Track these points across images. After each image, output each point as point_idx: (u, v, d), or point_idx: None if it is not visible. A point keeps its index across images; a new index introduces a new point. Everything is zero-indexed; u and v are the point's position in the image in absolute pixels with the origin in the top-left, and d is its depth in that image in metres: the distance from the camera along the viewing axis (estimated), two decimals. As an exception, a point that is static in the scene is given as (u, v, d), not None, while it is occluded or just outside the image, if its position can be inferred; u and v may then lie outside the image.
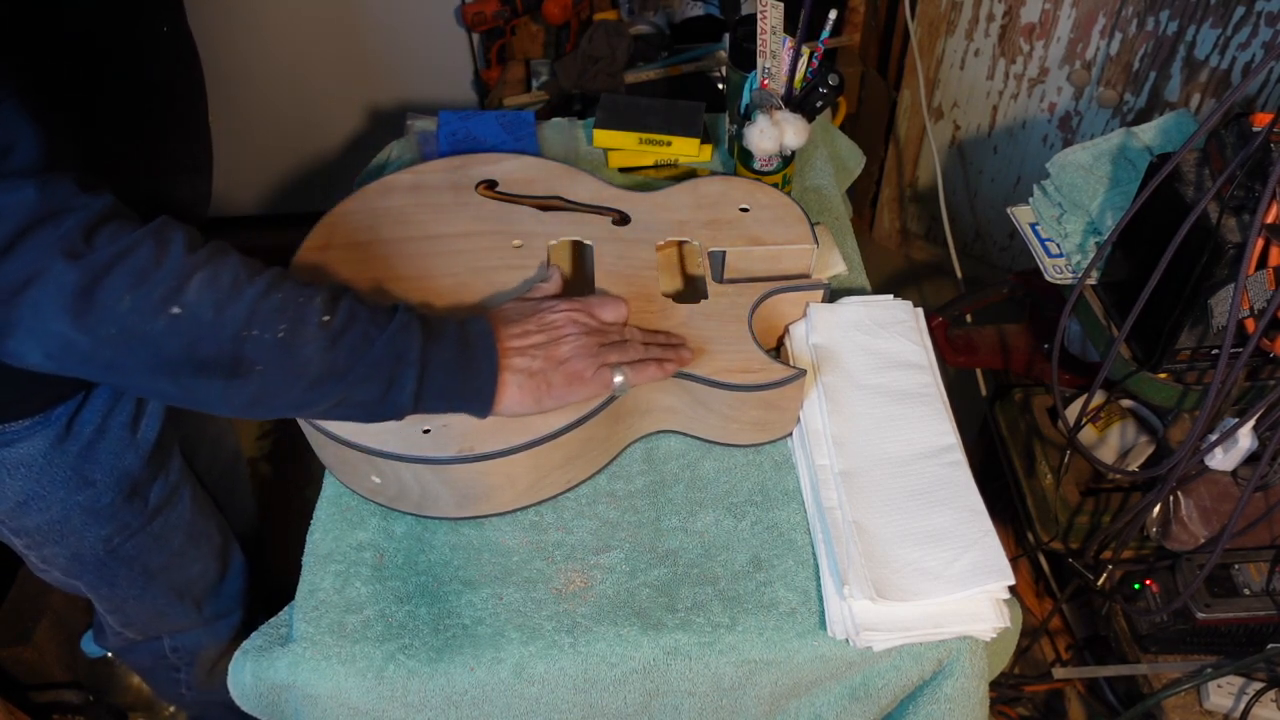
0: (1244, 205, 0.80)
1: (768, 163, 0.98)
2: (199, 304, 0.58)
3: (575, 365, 0.71)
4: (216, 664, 1.12)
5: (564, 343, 0.72)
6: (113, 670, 1.41)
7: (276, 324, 0.60)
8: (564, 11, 1.72)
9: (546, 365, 0.71)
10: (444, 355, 0.67)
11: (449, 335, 0.68)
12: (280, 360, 0.61)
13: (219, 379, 0.60)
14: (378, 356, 0.64)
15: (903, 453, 0.78)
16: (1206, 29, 1.50)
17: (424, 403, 0.67)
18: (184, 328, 0.57)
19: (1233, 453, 0.91)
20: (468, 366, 0.68)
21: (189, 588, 1.01)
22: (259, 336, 0.60)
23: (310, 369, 0.62)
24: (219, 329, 0.59)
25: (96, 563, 0.90)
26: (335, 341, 0.62)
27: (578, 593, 0.73)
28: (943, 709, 0.72)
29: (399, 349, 0.65)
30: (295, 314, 0.61)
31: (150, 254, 0.57)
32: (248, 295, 0.60)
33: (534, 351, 0.71)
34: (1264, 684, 1.01)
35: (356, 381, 0.64)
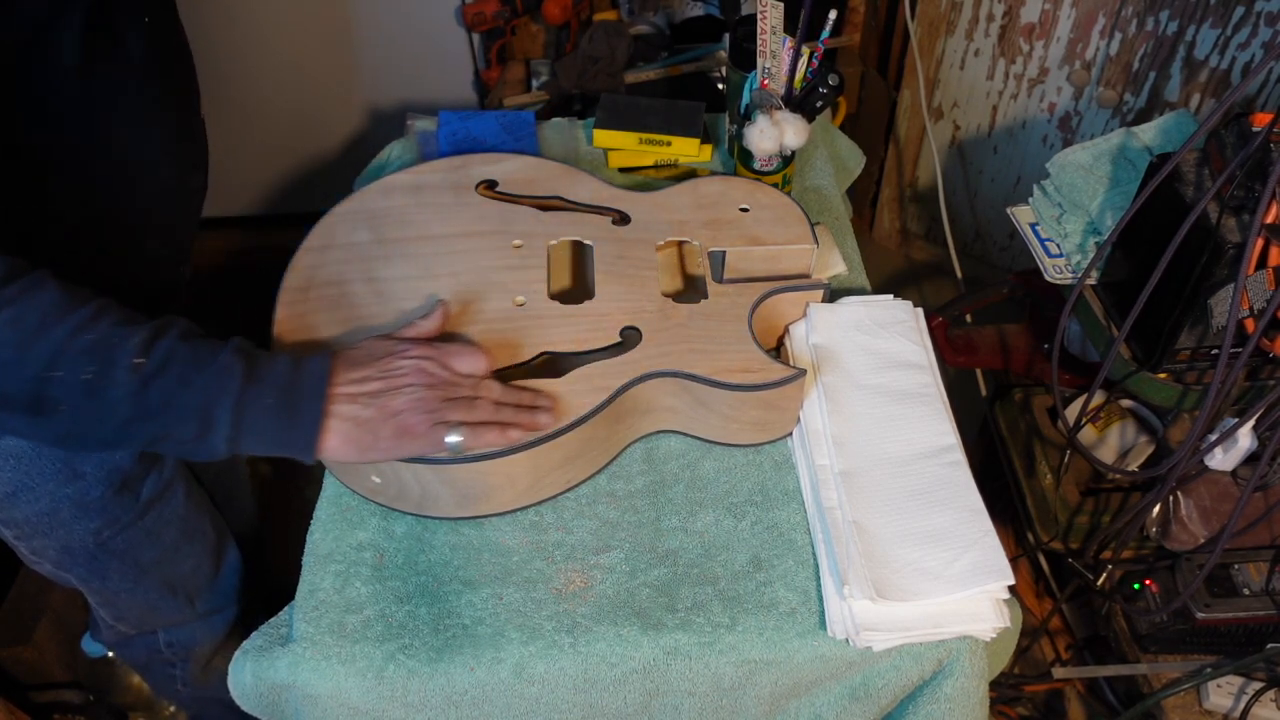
0: (1244, 205, 0.80)
1: (768, 163, 0.99)
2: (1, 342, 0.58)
3: (408, 419, 0.68)
4: (211, 660, 1.12)
5: (401, 394, 0.68)
6: (113, 670, 1.40)
7: (83, 365, 0.60)
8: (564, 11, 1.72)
9: (377, 415, 0.67)
10: (264, 400, 0.65)
11: (275, 377, 0.66)
12: (85, 401, 0.60)
13: (22, 415, 0.60)
14: (192, 400, 0.63)
15: (903, 453, 0.78)
16: (1206, 29, 1.50)
17: (240, 445, 0.65)
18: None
19: (1233, 453, 0.91)
20: (289, 412, 0.66)
21: (182, 583, 1.01)
22: (62, 378, 0.59)
23: (120, 410, 0.61)
24: (20, 368, 0.59)
25: (87, 555, 0.90)
26: (147, 385, 0.61)
27: (578, 593, 0.73)
28: (943, 709, 0.72)
29: (213, 393, 0.63)
30: (105, 355, 0.61)
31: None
32: (55, 335, 0.59)
33: (366, 400, 0.68)
34: (1264, 684, 1.01)
35: (170, 424, 0.63)
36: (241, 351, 0.66)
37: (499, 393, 0.73)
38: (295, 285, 0.83)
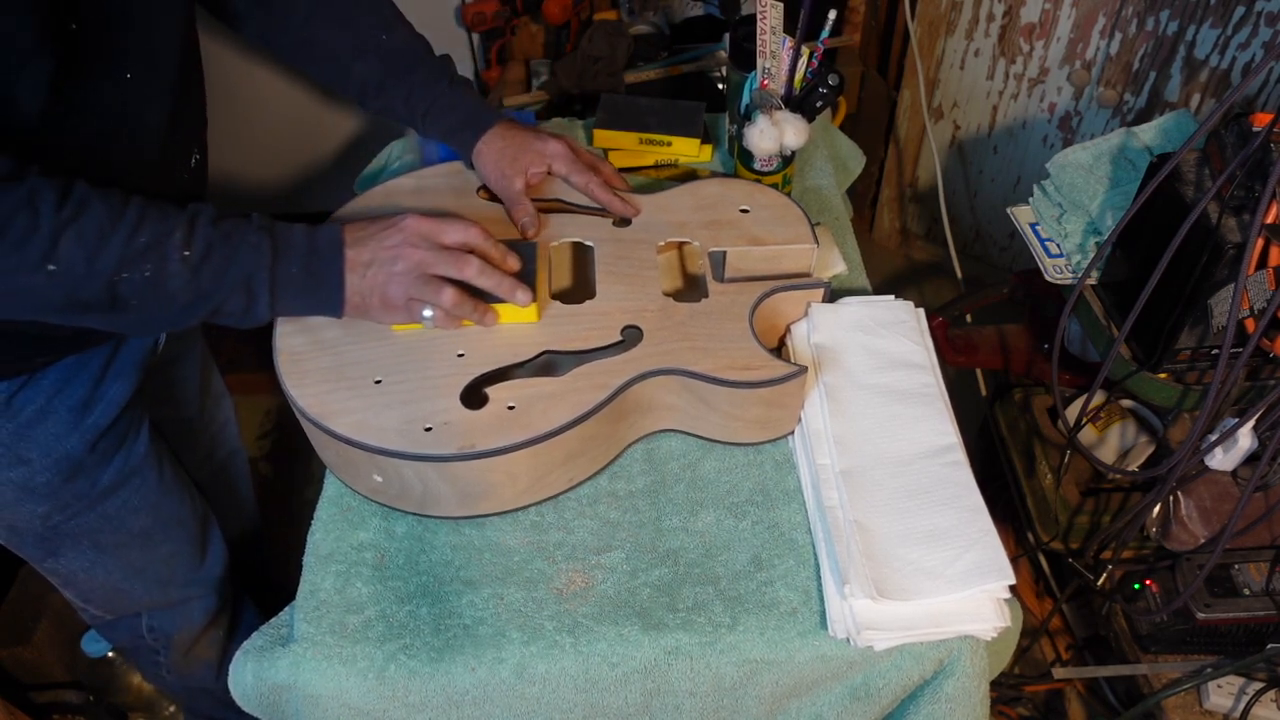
0: (1244, 205, 0.80)
1: (768, 163, 0.99)
2: (71, 259, 0.64)
3: (389, 292, 0.76)
4: (191, 649, 1.11)
5: (385, 266, 0.76)
6: (113, 670, 1.41)
7: (143, 265, 0.67)
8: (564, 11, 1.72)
9: (367, 286, 0.76)
10: (291, 269, 0.73)
11: (296, 248, 0.74)
12: (151, 295, 0.68)
13: (100, 314, 0.68)
14: (235, 278, 0.71)
15: (903, 452, 0.78)
16: (1206, 29, 1.50)
17: (280, 309, 0.74)
18: (61, 280, 0.64)
19: (1233, 453, 0.91)
20: (314, 278, 0.75)
21: (153, 568, 1.00)
22: (129, 279, 0.66)
23: (179, 298, 0.69)
24: (92, 278, 0.65)
25: (35, 536, 0.90)
26: (196, 272, 0.69)
27: (579, 593, 0.73)
28: (943, 709, 0.72)
29: (250, 269, 0.71)
30: (158, 253, 0.67)
31: (26, 219, 0.62)
32: (115, 243, 0.66)
33: (361, 269, 0.76)
34: (1264, 684, 1.01)
35: (221, 300, 0.71)
36: (264, 228, 0.73)
37: (475, 270, 0.77)
38: (296, 285, 0.83)
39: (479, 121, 0.91)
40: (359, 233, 0.77)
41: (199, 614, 1.09)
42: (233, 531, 1.17)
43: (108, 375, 0.87)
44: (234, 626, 1.16)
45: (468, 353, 0.78)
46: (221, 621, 1.13)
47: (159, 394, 1.00)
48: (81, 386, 0.85)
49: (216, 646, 1.14)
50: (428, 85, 0.90)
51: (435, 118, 0.91)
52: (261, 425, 1.88)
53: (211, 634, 1.12)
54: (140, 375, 0.90)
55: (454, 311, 0.77)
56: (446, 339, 0.78)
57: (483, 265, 0.78)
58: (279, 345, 0.78)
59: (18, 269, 0.63)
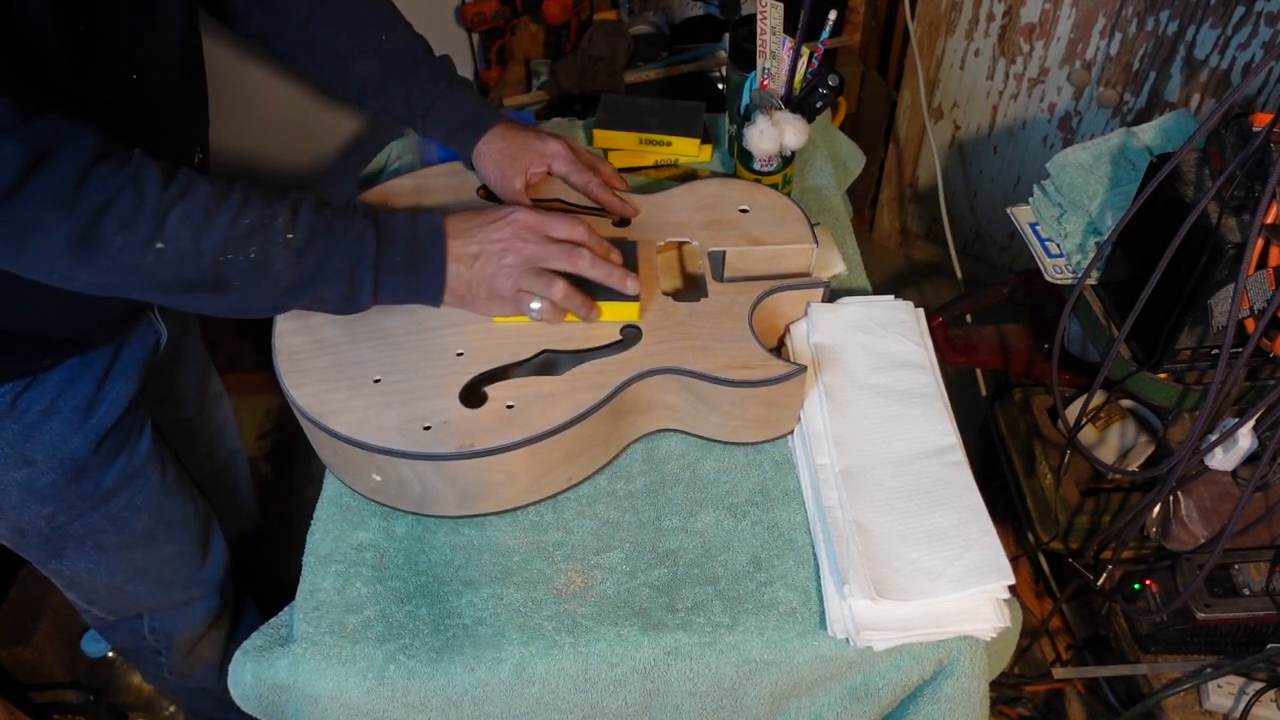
0: (1244, 205, 0.80)
1: (768, 163, 0.99)
2: (179, 237, 0.64)
3: (497, 284, 0.76)
4: (194, 649, 1.11)
5: (493, 259, 0.76)
6: (113, 670, 1.41)
7: (248, 247, 0.67)
8: (564, 11, 1.72)
9: (474, 278, 0.76)
10: (394, 259, 0.74)
11: (399, 237, 0.75)
12: (255, 277, 0.68)
13: (204, 294, 0.68)
14: (338, 266, 0.72)
15: (903, 452, 0.78)
16: (1206, 29, 1.50)
17: (380, 298, 0.75)
18: (169, 259, 0.65)
19: (1233, 453, 0.91)
20: (417, 267, 0.75)
21: (156, 569, 1.00)
22: (234, 260, 0.67)
23: (281, 281, 0.70)
24: (199, 257, 0.66)
25: (40, 538, 0.90)
26: (300, 256, 0.70)
27: (578, 593, 0.73)
28: (943, 709, 0.72)
29: (354, 257, 0.72)
30: (263, 236, 0.68)
31: (132, 198, 0.63)
32: (220, 224, 0.66)
33: (469, 261, 0.76)
34: (1264, 684, 1.01)
35: (322, 286, 0.72)
36: (368, 217, 0.74)
37: (588, 263, 0.78)
38: (296, 285, 0.83)
39: (479, 122, 0.91)
40: (463, 224, 0.77)
41: (201, 615, 1.09)
42: (233, 532, 1.17)
43: (110, 375, 0.87)
44: (235, 627, 1.16)
45: (467, 352, 0.78)
46: (223, 622, 1.13)
47: (160, 394, 1.00)
48: (85, 387, 0.85)
49: (218, 647, 1.14)
50: (428, 86, 0.90)
51: (435, 118, 0.91)
52: (261, 425, 1.88)
53: (213, 635, 1.12)
54: (142, 375, 0.90)
55: (564, 304, 0.78)
56: (446, 338, 0.78)
57: (594, 257, 0.78)
58: (278, 345, 0.78)
59: (125, 248, 0.63)
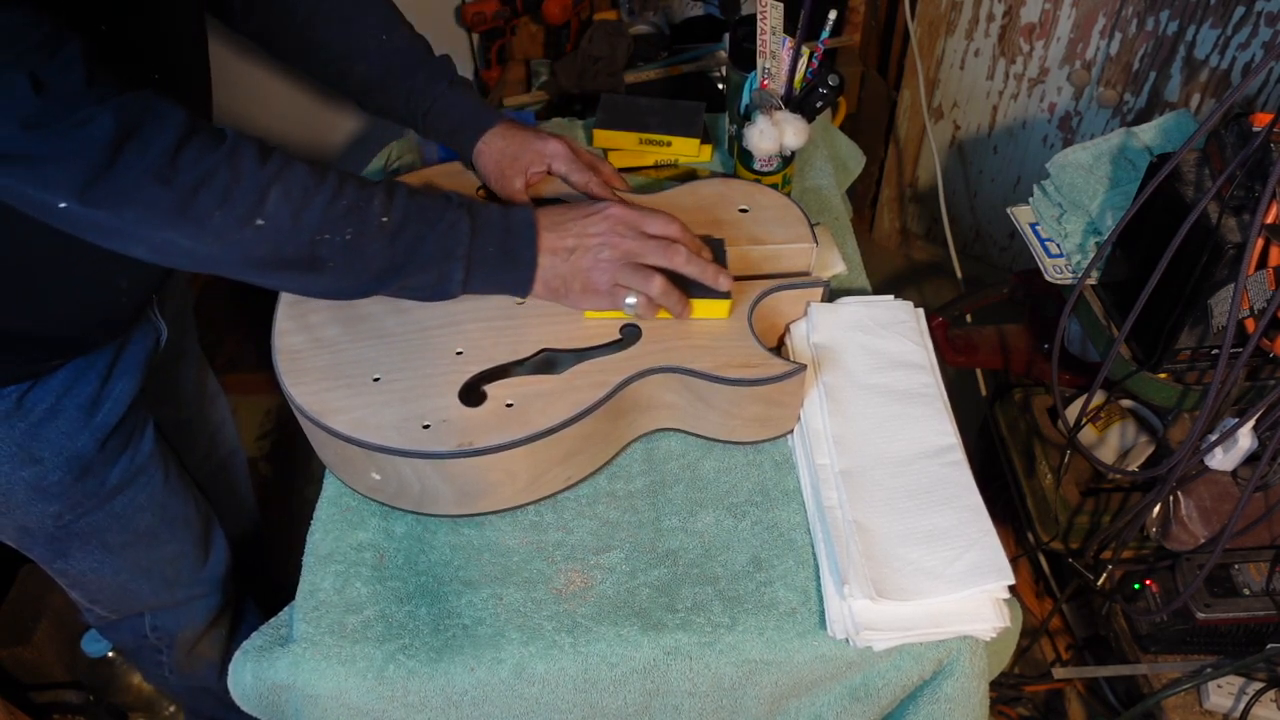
0: (1244, 205, 0.80)
1: (768, 163, 0.98)
2: (279, 215, 0.65)
3: (593, 278, 0.76)
4: (195, 647, 1.12)
5: (590, 253, 0.76)
6: (113, 670, 1.41)
7: (344, 227, 0.68)
8: (564, 11, 1.72)
9: (569, 271, 0.77)
10: (488, 249, 0.74)
11: (492, 228, 0.75)
12: (349, 258, 0.69)
13: (298, 274, 0.69)
14: (430, 252, 0.72)
15: (903, 452, 0.78)
16: (1206, 29, 1.50)
17: (470, 287, 0.76)
18: (268, 236, 0.65)
19: (1233, 453, 0.91)
20: (508, 258, 0.76)
21: (159, 567, 1.00)
22: (330, 239, 0.67)
23: (374, 264, 0.70)
24: (297, 235, 0.66)
25: (46, 537, 0.90)
26: (393, 240, 0.70)
27: (578, 593, 0.73)
28: (943, 709, 0.72)
29: (448, 246, 0.73)
30: (360, 217, 0.68)
31: (228, 174, 0.63)
32: (318, 203, 0.67)
33: (564, 254, 0.76)
34: (1264, 684, 1.01)
35: (413, 272, 0.72)
36: (462, 205, 0.74)
37: (684, 259, 0.78)
38: (296, 285, 0.83)
39: (479, 122, 0.91)
40: (556, 217, 0.78)
41: (202, 613, 1.10)
42: (233, 531, 1.17)
43: (114, 373, 0.87)
44: (236, 626, 1.16)
45: (466, 350, 0.78)
46: (224, 620, 1.13)
47: (160, 394, 1.01)
48: (89, 385, 0.85)
49: (219, 645, 1.15)
50: (428, 86, 0.90)
51: (436, 118, 0.91)
52: (261, 425, 1.88)
53: (214, 633, 1.13)
54: (144, 373, 0.91)
55: (661, 300, 0.78)
56: (445, 337, 0.78)
57: (689, 253, 0.78)
58: (278, 344, 0.78)
59: (224, 223, 0.63)
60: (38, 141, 0.56)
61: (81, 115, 0.57)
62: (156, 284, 0.89)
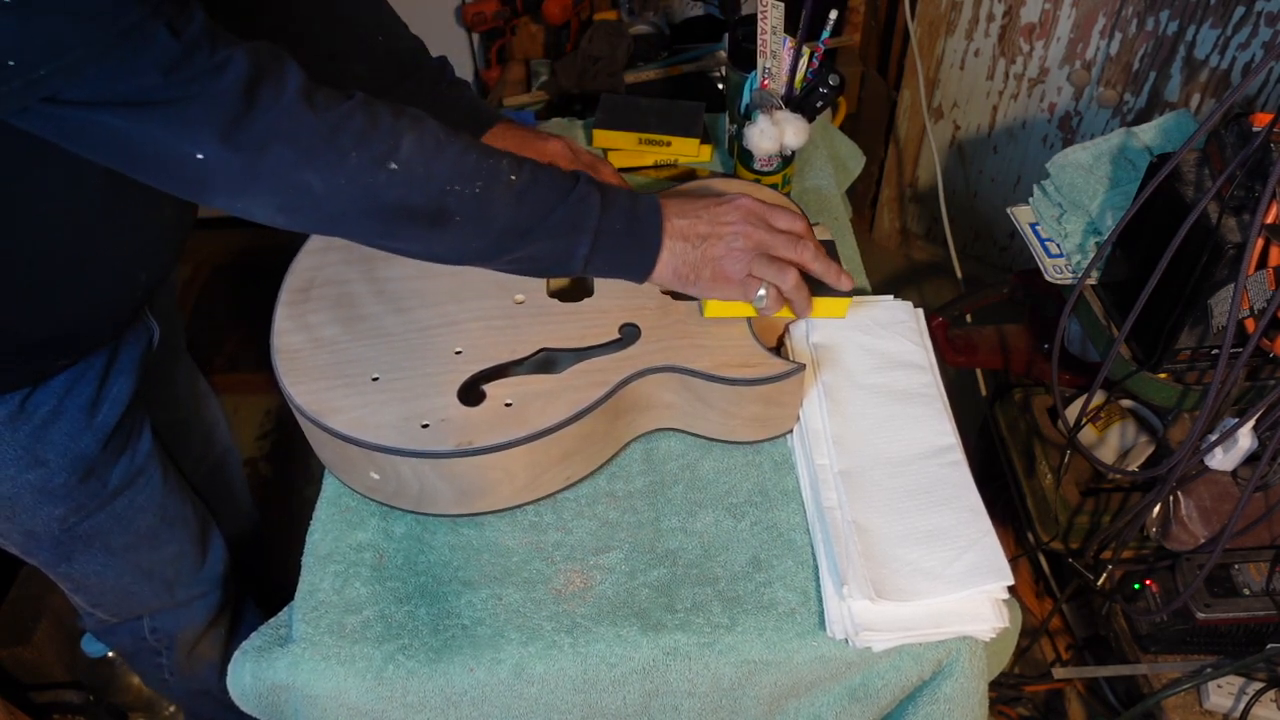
0: (1244, 205, 0.80)
1: (768, 163, 0.98)
2: (412, 161, 0.64)
3: (726, 266, 0.75)
4: (195, 647, 1.12)
5: (723, 241, 0.75)
6: (113, 670, 1.41)
7: (474, 180, 0.67)
8: (564, 11, 1.72)
9: (700, 258, 0.75)
10: (616, 226, 0.72)
11: (621, 207, 0.73)
12: (475, 213, 0.67)
13: (422, 227, 0.67)
14: (558, 221, 0.70)
15: (902, 453, 0.78)
16: (1206, 29, 1.50)
17: (591, 267, 0.73)
18: (400, 180, 0.64)
19: (1233, 453, 0.91)
20: (634, 238, 0.74)
21: (160, 568, 1.00)
22: (460, 191, 0.66)
23: (498, 223, 0.68)
24: (428, 183, 0.65)
25: (52, 540, 0.90)
26: (521, 199, 0.68)
27: (577, 593, 0.73)
28: (942, 709, 0.72)
29: (577, 217, 0.71)
30: (489, 172, 0.67)
31: (364, 118, 0.63)
32: (450, 154, 0.66)
33: (696, 240, 0.75)
34: (1264, 684, 1.01)
35: (536, 239, 0.70)
36: (593, 182, 0.72)
37: (811, 255, 0.78)
38: (296, 286, 0.83)
39: (478, 122, 0.90)
40: (684, 204, 0.77)
41: (202, 612, 1.10)
42: (231, 531, 1.17)
43: (111, 373, 0.87)
44: (236, 625, 1.16)
45: (465, 350, 0.78)
46: (223, 620, 1.13)
47: (153, 396, 1.01)
48: (89, 386, 0.85)
49: (218, 646, 1.15)
50: (426, 87, 0.90)
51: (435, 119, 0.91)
52: (261, 425, 1.88)
53: (214, 632, 1.13)
54: (140, 373, 0.91)
55: (792, 294, 0.77)
56: (444, 337, 0.78)
57: (815, 250, 0.78)
58: (277, 344, 0.78)
59: (360, 164, 0.63)
60: (179, 85, 0.56)
61: (219, 58, 0.58)
62: (164, 275, 0.89)
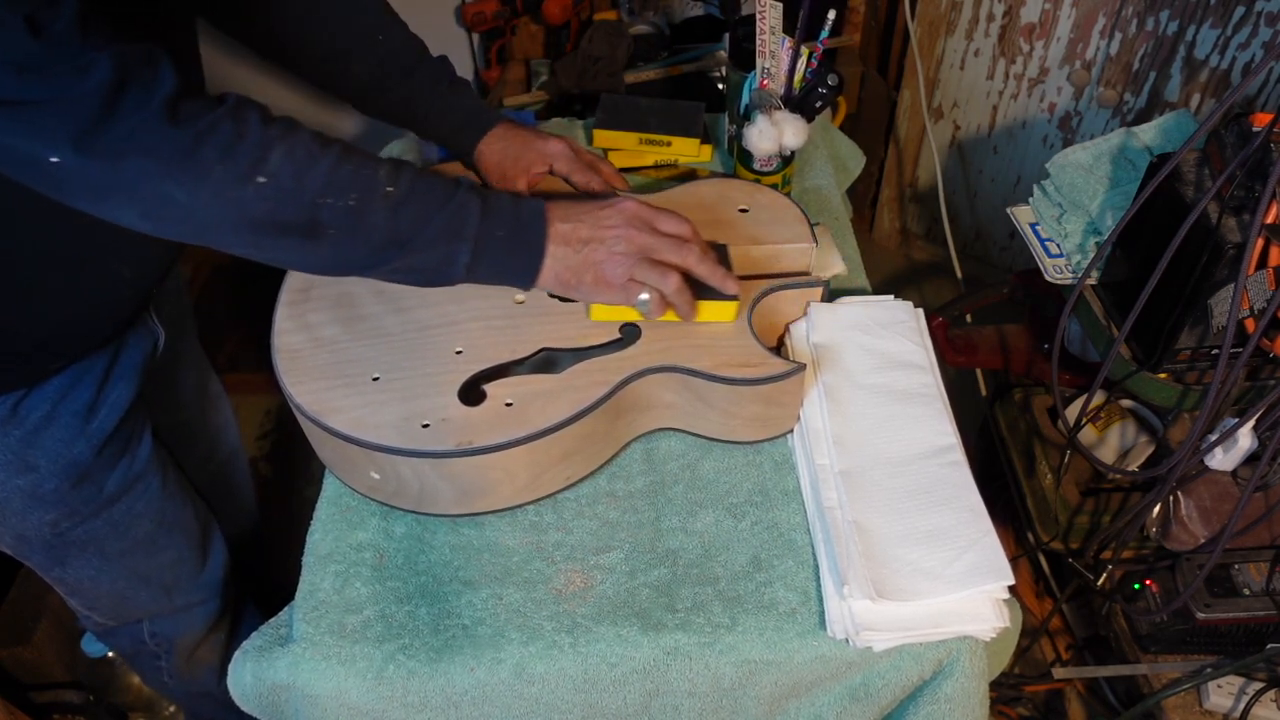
0: (1244, 205, 0.80)
1: (767, 163, 0.98)
2: (281, 173, 0.63)
3: (607, 270, 0.74)
4: (194, 652, 1.11)
5: (604, 245, 0.74)
6: (113, 670, 1.41)
7: (348, 192, 0.66)
8: (564, 11, 1.72)
9: (582, 263, 0.74)
10: (497, 233, 0.71)
11: (503, 213, 0.72)
12: (351, 225, 0.66)
13: (296, 240, 0.66)
14: (436, 230, 0.69)
15: (903, 453, 0.78)
16: (1206, 29, 1.50)
17: (474, 275, 0.72)
18: (269, 194, 0.63)
19: (1233, 453, 0.91)
20: (516, 245, 0.73)
21: (157, 574, 1.00)
22: (333, 204, 0.65)
23: (375, 235, 0.67)
24: (299, 196, 0.64)
25: (43, 545, 0.89)
26: (397, 211, 0.67)
27: (578, 593, 0.73)
28: (943, 709, 0.72)
29: (456, 225, 0.70)
30: (365, 184, 0.66)
31: (231, 129, 0.62)
32: (323, 166, 0.65)
33: (578, 245, 0.74)
34: (1264, 684, 1.01)
35: (416, 250, 0.69)
36: (474, 189, 0.72)
37: (696, 259, 0.77)
38: (297, 286, 0.83)
39: (479, 123, 0.90)
40: (568, 209, 0.75)
41: (201, 618, 1.09)
42: (233, 533, 1.17)
43: (111, 378, 0.87)
44: (235, 629, 1.16)
45: (466, 350, 0.78)
46: (223, 625, 1.13)
47: (158, 398, 1.00)
48: (86, 391, 0.84)
49: (218, 650, 1.14)
50: (428, 87, 0.90)
51: (435, 120, 0.91)
52: (261, 425, 1.88)
53: (213, 638, 1.12)
54: (141, 378, 0.90)
55: (674, 298, 0.76)
56: (445, 336, 0.78)
57: (700, 253, 0.77)
58: (277, 343, 0.78)
59: (225, 180, 0.61)
60: (33, 86, 0.54)
61: (81, 61, 0.55)
62: (158, 275, 0.88)
